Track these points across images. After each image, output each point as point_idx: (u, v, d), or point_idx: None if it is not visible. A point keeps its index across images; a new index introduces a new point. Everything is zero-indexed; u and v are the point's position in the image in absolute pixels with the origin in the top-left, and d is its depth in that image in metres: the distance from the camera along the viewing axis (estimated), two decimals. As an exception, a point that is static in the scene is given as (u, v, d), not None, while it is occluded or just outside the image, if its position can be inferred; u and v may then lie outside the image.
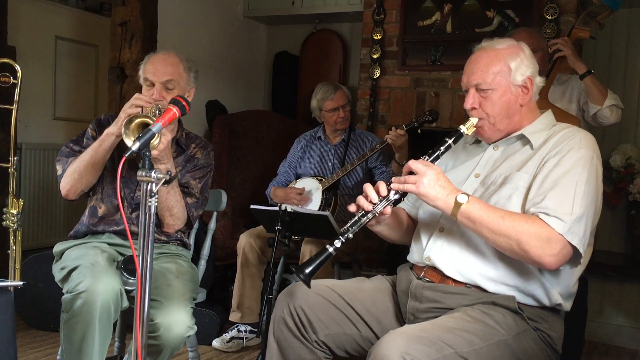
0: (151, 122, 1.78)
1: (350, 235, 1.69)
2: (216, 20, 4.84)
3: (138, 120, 1.80)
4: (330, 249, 1.66)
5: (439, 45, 3.96)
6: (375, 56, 4.12)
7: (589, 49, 4.02)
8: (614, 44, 4.03)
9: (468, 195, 1.66)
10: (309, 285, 1.66)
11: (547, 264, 1.60)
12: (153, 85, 2.25)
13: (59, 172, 2.25)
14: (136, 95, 2.13)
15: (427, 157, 1.74)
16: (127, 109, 2.09)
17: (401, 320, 1.86)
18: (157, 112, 2.08)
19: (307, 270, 1.63)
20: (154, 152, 1.99)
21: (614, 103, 2.82)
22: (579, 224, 1.61)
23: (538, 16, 3.61)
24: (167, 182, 1.58)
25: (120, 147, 2.29)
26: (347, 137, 3.49)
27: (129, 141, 1.77)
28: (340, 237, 1.67)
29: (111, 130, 2.14)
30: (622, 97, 3.91)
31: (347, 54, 5.02)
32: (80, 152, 2.25)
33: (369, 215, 1.70)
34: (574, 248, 1.61)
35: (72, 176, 2.20)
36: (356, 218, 1.71)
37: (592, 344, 3.62)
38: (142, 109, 2.08)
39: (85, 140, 2.30)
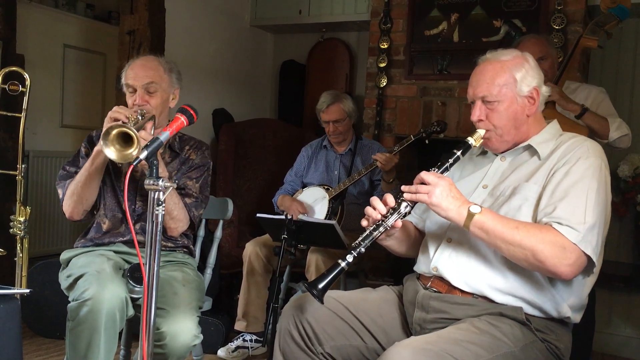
0: (130, 132, 1.78)
1: (362, 250, 1.68)
2: (223, 29, 4.86)
3: (116, 131, 1.80)
4: (343, 264, 1.65)
5: (446, 54, 3.96)
6: (382, 65, 4.12)
7: (597, 59, 4.02)
8: (621, 53, 4.03)
9: (480, 206, 1.65)
10: (322, 301, 1.64)
11: (563, 274, 1.59)
12: (135, 90, 2.24)
13: (60, 196, 2.26)
14: (114, 108, 2.08)
15: (435, 169, 1.73)
16: (106, 124, 2.05)
17: (407, 330, 1.85)
18: (139, 118, 2.07)
19: (321, 286, 1.61)
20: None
21: (620, 135, 2.78)
22: (591, 232, 1.60)
23: (545, 25, 3.60)
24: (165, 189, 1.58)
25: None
26: (353, 146, 3.49)
27: (108, 151, 1.77)
28: (352, 251, 1.67)
29: (100, 147, 2.11)
30: (630, 107, 3.93)
31: (354, 63, 5.03)
32: (76, 172, 2.24)
33: (381, 229, 1.69)
34: (588, 257, 1.60)
35: (71, 198, 2.20)
36: (367, 232, 1.70)
37: (599, 356, 3.59)
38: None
39: (80, 159, 2.30)
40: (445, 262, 1.78)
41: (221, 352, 3.20)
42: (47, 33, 4.40)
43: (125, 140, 1.82)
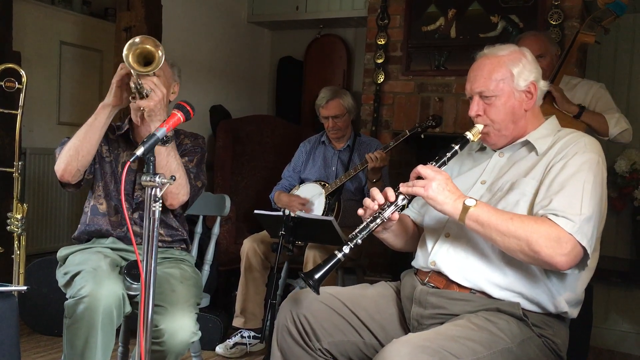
0: (155, 53, 1.86)
1: (359, 241, 1.68)
2: (220, 25, 4.85)
3: (151, 46, 1.85)
4: (339, 255, 1.66)
5: (443, 50, 3.96)
6: (379, 61, 4.12)
7: (594, 54, 4.02)
8: (618, 49, 4.03)
9: (476, 199, 1.65)
10: (317, 292, 1.65)
11: (559, 264, 1.58)
12: None
13: (56, 157, 2.20)
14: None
15: (433, 163, 1.74)
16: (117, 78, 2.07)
17: (405, 326, 1.85)
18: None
19: (317, 276, 1.62)
20: (150, 103, 1.99)
21: (620, 131, 2.80)
22: (587, 224, 1.60)
23: (542, 21, 3.60)
24: (165, 142, 1.58)
25: (107, 138, 2.28)
26: (352, 143, 3.48)
27: (127, 49, 1.84)
28: (348, 242, 1.67)
29: (106, 101, 2.10)
30: (627, 102, 3.93)
31: (351, 59, 5.02)
32: None
33: (378, 221, 1.70)
34: (583, 250, 1.60)
35: (67, 153, 2.15)
36: (364, 224, 1.71)
37: (597, 351, 3.60)
38: None
39: None
40: (443, 257, 1.78)
41: (219, 348, 3.20)
42: (44, 30, 4.39)
43: (145, 63, 1.89)
